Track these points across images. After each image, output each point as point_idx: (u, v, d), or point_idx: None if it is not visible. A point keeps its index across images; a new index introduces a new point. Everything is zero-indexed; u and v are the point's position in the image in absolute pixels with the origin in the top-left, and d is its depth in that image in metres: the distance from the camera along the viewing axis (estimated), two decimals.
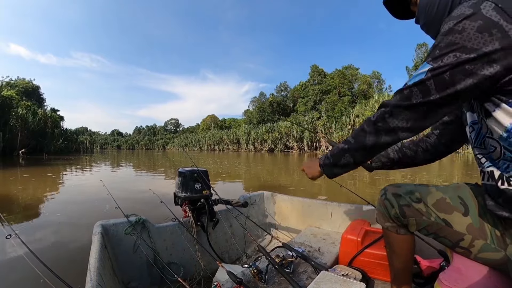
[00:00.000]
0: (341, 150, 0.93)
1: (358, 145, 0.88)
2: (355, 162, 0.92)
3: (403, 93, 0.77)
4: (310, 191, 5.86)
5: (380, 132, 0.82)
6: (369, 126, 0.84)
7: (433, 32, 0.88)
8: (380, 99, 29.77)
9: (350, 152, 0.91)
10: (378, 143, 0.83)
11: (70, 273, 1.95)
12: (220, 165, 13.81)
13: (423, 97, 0.73)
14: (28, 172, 9.51)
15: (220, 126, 68.84)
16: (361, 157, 0.90)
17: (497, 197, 0.77)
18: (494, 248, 0.81)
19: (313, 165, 1.07)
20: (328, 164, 0.99)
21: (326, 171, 1.01)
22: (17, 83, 35.53)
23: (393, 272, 1.10)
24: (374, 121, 0.83)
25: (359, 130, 0.88)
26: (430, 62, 0.72)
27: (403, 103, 0.76)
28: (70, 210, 4.01)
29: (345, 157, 0.92)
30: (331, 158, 0.97)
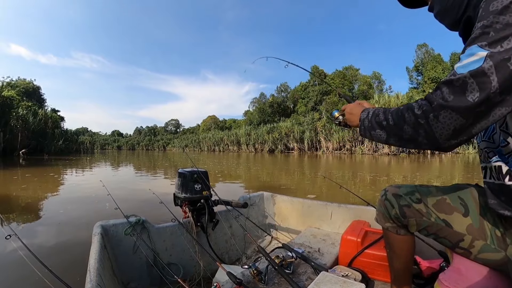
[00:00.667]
0: (380, 122, 0.80)
1: (394, 131, 0.75)
2: (387, 142, 0.80)
3: (453, 85, 0.61)
4: (310, 191, 5.85)
5: (419, 132, 0.68)
6: (410, 115, 0.69)
7: (449, 20, 0.80)
8: (381, 100, 29.76)
9: (387, 130, 0.78)
10: (414, 142, 0.71)
11: (70, 273, 1.96)
12: (220, 166, 13.81)
13: (481, 92, 0.57)
14: (28, 172, 9.50)
15: (221, 127, 68.84)
16: (394, 142, 0.78)
17: (501, 194, 0.75)
18: (494, 248, 0.81)
19: (355, 113, 0.96)
20: (366, 125, 0.87)
21: (362, 129, 0.90)
22: (18, 83, 35.58)
23: (393, 273, 1.10)
24: (416, 114, 0.67)
25: (401, 114, 0.72)
26: (486, 47, 0.57)
27: (455, 104, 0.60)
28: (70, 211, 4.01)
29: (382, 131, 0.80)
30: (370, 122, 0.85)
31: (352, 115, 0.98)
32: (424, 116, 0.65)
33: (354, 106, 1.00)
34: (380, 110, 0.83)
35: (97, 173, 10.07)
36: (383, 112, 0.81)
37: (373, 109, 0.88)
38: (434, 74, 32.46)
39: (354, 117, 0.97)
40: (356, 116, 0.95)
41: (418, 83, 38.13)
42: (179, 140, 74.58)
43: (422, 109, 0.66)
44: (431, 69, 33.35)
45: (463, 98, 0.58)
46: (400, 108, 0.74)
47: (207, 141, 55.23)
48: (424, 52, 37.98)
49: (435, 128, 0.63)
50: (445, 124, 0.61)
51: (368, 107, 0.94)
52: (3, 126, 21.10)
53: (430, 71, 33.19)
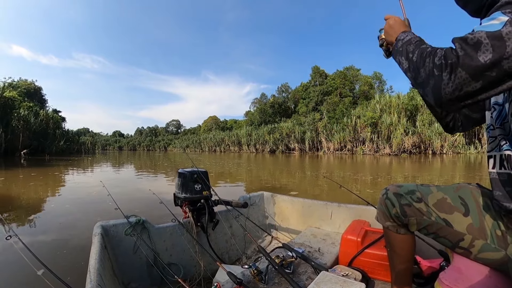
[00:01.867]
0: (408, 52, 0.76)
1: (413, 67, 0.72)
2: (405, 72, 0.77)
3: (467, 42, 0.58)
4: (311, 191, 5.85)
5: (429, 80, 0.65)
6: (429, 64, 0.66)
7: (473, 6, 0.80)
8: (382, 100, 29.71)
9: (408, 64, 0.75)
10: (423, 88, 0.68)
11: (70, 274, 1.96)
12: (221, 166, 13.82)
13: (494, 54, 0.54)
14: (30, 172, 9.52)
15: (222, 127, 68.81)
16: (410, 77, 0.75)
17: (507, 185, 0.74)
18: (494, 247, 0.81)
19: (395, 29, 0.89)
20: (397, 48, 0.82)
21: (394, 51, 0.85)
22: (19, 84, 35.62)
23: (394, 272, 1.10)
24: (435, 64, 0.64)
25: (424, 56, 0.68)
26: (509, 14, 0.56)
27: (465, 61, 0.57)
28: (71, 211, 4.01)
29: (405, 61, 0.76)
30: (402, 46, 0.80)
31: (391, 28, 0.90)
32: (440, 68, 0.62)
33: (399, 22, 0.91)
34: (415, 41, 0.78)
35: (98, 174, 10.09)
36: (416, 43, 0.76)
37: (412, 34, 0.83)
38: None
39: (392, 32, 0.90)
40: (394, 32, 0.88)
41: None
42: (180, 140, 74.67)
43: (441, 61, 0.62)
44: None
45: (474, 56, 0.56)
46: (428, 49, 0.69)
47: (208, 141, 55.27)
48: None
49: (444, 83, 0.60)
50: (453, 81, 0.59)
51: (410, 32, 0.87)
52: (4, 126, 21.13)
53: None
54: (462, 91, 0.59)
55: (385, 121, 27.03)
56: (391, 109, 28.06)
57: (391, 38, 0.89)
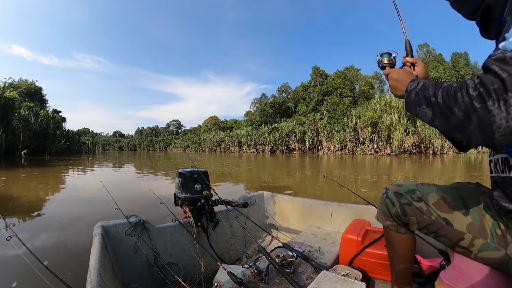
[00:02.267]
0: (428, 97, 0.68)
1: (442, 111, 0.63)
2: (432, 123, 0.68)
3: (506, 62, 0.51)
4: (311, 191, 5.85)
5: (471, 117, 0.55)
6: (463, 95, 0.57)
7: (468, 8, 0.78)
8: (382, 100, 29.70)
9: (434, 108, 0.66)
10: (463, 130, 0.59)
11: (71, 274, 1.96)
12: (221, 166, 13.82)
13: None
14: (29, 172, 9.53)
15: (222, 128, 68.80)
16: (439, 125, 0.66)
17: (506, 187, 0.74)
18: (495, 247, 0.81)
19: (402, 81, 0.83)
20: (413, 98, 0.75)
21: (408, 102, 0.77)
22: (20, 84, 35.62)
23: (394, 272, 1.10)
24: (471, 94, 0.55)
25: (453, 92, 0.61)
26: None
27: None
28: (71, 211, 4.01)
29: (428, 108, 0.68)
30: (417, 95, 0.73)
31: (398, 82, 0.84)
32: (481, 99, 0.53)
33: (403, 73, 0.86)
34: (431, 84, 0.70)
35: (98, 174, 10.09)
36: (434, 86, 0.68)
37: (423, 80, 0.76)
38: (435, 74, 32.37)
39: (399, 85, 0.83)
40: (402, 85, 0.82)
41: None
42: (180, 140, 74.70)
43: (479, 90, 0.54)
44: (432, 69, 33.26)
45: None
46: (453, 85, 0.62)
47: (208, 141, 55.28)
48: (425, 52, 37.93)
49: (493, 116, 0.51)
50: (505, 111, 0.50)
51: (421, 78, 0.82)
52: (5, 126, 21.15)
53: (431, 71, 33.10)
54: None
55: (385, 121, 27.04)
56: (391, 109, 28.07)
57: (400, 92, 0.83)
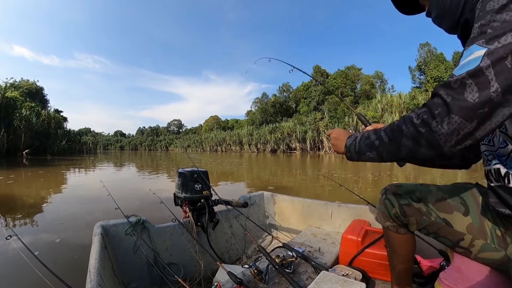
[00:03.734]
0: (370, 143, 0.76)
1: (391, 148, 0.70)
2: (382, 160, 0.76)
3: (451, 87, 0.57)
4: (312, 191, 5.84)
5: (420, 141, 0.62)
6: (408, 127, 0.65)
7: (447, 24, 0.80)
8: (383, 99, 29.65)
9: (379, 150, 0.74)
10: (415, 155, 0.65)
11: (70, 274, 1.96)
12: (222, 166, 13.82)
13: (480, 92, 0.54)
14: (30, 172, 9.55)
15: (223, 127, 68.85)
16: (389, 158, 0.74)
17: (501, 195, 0.75)
18: (494, 247, 0.80)
19: (340, 139, 0.90)
20: (353, 151, 0.82)
21: (349, 155, 0.85)
22: (21, 84, 35.74)
23: (394, 272, 1.10)
24: (415, 123, 0.63)
25: (396, 127, 0.68)
26: (484, 45, 0.55)
27: (455, 106, 0.56)
28: (71, 211, 4.02)
29: (372, 152, 0.76)
30: (357, 146, 0.81)
31: (338, 141, 0.91)
32: (424, 124, 0.61)
33: (341, 132, 0.93)
34: (370, 132, 0.78)
35: (98, 173, 10.11)
36: (374, 132, 0.76)
37: (361, 133, 0.83)
38: (436, 73, 32.28)
39: (339, 143, 0.90)
40: (341, 141, 0.89)
41: (420, 83, 37.96)
42: (181, 140, 74.76)
43: (422, 117, 0.61)
44: (433, 68, 33.17)
45: (462, 98, 0.55)
46: (395, 123, 0.70)
47: (209, 141, 55.29)
48: (426, 51, 37.80)
49: (438, 136, 0.58)
50: (448, 129, 0.57)
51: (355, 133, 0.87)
52: (6, 126, 21.19)
53: (432, 71, 33.02)
54: (460, 135, 0.57)
55: (386, 121, 26.95)
56: (392, 108, 28.00)
57: (341, 149, 0.89)
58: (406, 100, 27.71)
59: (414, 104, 26.83)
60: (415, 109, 0.66)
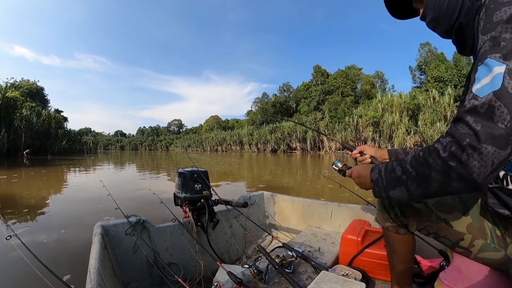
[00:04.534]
0: (397, 178, 0.70)
1: (419, 182, 0.64)
2: (411, 198, 0.69)
3: (478, 112, 0.53)
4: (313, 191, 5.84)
5: (450, 175, 0.57)
6: (435, 160, 0.59)
7: (442, 27, 0.79)
8: (383, 99, 29.60)
9: (408, 186, 0.67)
10: (446, 189, 0.60)
11: (70, 273, 1.96)
12: (222, 166, 13.82)
13: (511, 114, 0.49)
14: (31, 172, 9.56)
15: (223, 127, 68.79)
16: (419, 196, 0.67)
17: (500, 196, 0.75)
18: (494, 247, 0.80)
19: (363, 176, 0.86)
20: (381, 186, 0.77)
21: (377, 191, 0.79)
22: (22, 84, 35.69)
23: (394, 272, 1.09)
24: (442, 156, 0.58)
25: (423, 160, 0.63)
26: (502, 60, 0.52)
27: (485, 132, 0.51)
28: (71, 211, 4.03)
29: (401, 188, 0.69)
30: (384, 180, 0.75)
31: (361, 178, 0.88)
32: (453, 157, 0.56)
33: (360, 169, 0.90)
34: (394, 163, 0.73)
35: (99, 173, 10.11)
36: (399, 164, 0.70)
37: (383, 164, 0.78)
38: (437, 73, 32.19)
39: (364, 180, 0.86)
40: (366, 178, 0.84)
41: (421, 82, 37.85)
42: (181, 140, 74.77)
43: (449, 150, 0.57)
44: (434, 68, 33.08)
45: (493, 125, 0.51)
46: (420, 154, 0.64)
47: (209, 141, 55.30)
48: (427, 51, 37.70)
49: (471, 169, 0.53)
50: (482, 160, 0.52)
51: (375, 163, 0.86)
52: (7, 126, 21.21)
53: (433, 70, 32.93)
54: (495, 165, 0.52)
55: (387, 121, 26.93)
56: (393, 108, 27.94)
57: (367, 185, 0.84)
58: (406, 100, 27.66)
59: (414, 104, 26.79)
60: (439, 139, 0.61)
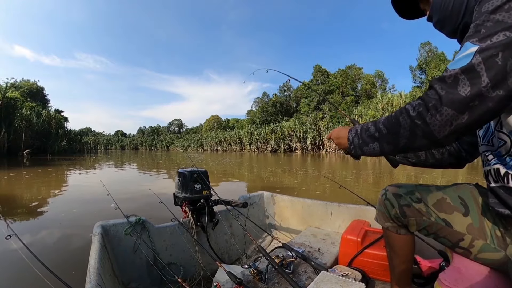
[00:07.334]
0: (371, 135, 0.78)
1: (389, 139, 0.73)
2: (382, 152, 0.77)
3: (445, 82, 0.61)
4: (313, 191, 5.84)
5: (416, 132, 0.66)
6: (404, 119, 0.68)
7: (448, 28, 0.81)
8: (384, 99, 29.61)
9: (379, 141, 0.76)
10: (413, 145, 0.69)
11: (70, 273, 1.96)
12: (222, 165, 13.82)
13: (472, 87, 0.57)
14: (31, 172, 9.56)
15: (223, 127, 68.87)
16: (389, 151, 0.75)
17: (501, 195, 0.75)
18: (494, 248, 0.80)
19: (342, 135, 0.91)
20: (356, 143, 0.83)
21: (352, 148, 0.85)
22: (22, 84, 35.66)
23: (393, 272, 1.09)
24: (411, 115, 0.66)
25: (394, 119, 0.71)
26: (476, 42, 0.59)
27: (448, 98, 0.60)
28: (71, 211, 4.02)
29: (373, 144, 0.77)
30: (360, 138, 0.82)
31: (340, 138, 0.92)
32: (420, 116, 0.64)
33: (339, 129, 0.95)
34: (369, 123, 0.81)
35: (99, 173, 10.11)
36: (373, 124, 0.79)
37: (360, 125, 0.85)
38: (437, 72, 32.18)
39: (342, 140, 0.90)
40: (344, 138, 0.89)
41: (421, 82, 37.84)
42: (182, 140, 74.83)
43: (417, 110, 0.65)
44: (434, 68, 33.09)
45: (455, 92, 0.59)
46: (392, 114, 0.73)
47: (210, 141, 55.38)
48: (427, 50, 37.70)
49: (433, 126, 0.63)
50: (442, 120, 0.61)
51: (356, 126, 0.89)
52: (7, 126, 21.24)
53: (433, 70, 32.95)
54: (453, 126, 0.61)
55: None
56: (393, 108, 27.95)
57: (345, 145, 0.89)
58: (406, 99, 27.70)
59: None
60: (411, 101, 0.69)
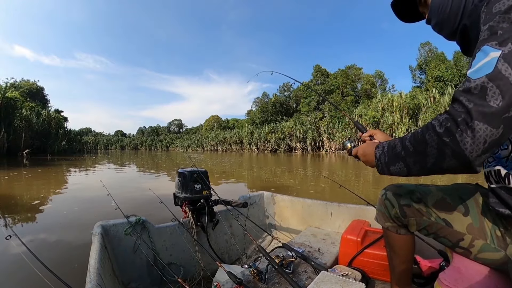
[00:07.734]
0: (397, 153, 0.73)
1: (416, 158, 0.67)
2: (409, 173, 0.71)
3: (471, 93, 0.56)
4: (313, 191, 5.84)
5: (445, 151, 0.60)
6: (431, 135, 0.62)
7: (447, 30, 0.81)
8: (383, 99, 29.59)
9: (406, 161, 0.70)
10: (441, 166, 0.63)
11: (70, 273, 1.96)
12: (222, 165, 13.82)
13: (503, 95, 0.52)
14: (31, 172, 9.56)
15: (223, 127, 68.80)
16: (417, 172, 0.70)
17: (501, 196, 0.75)
18: (494, 248, 0.80)
19: (369, 152, 0.88)
20: (383, 162, 0.79)
21: (380, 167, 0.81)
22: (22, 84, 35.63)
23: (393, 272, 1.09)
24: (438, 132, 0.60)
25: (420, 137, 0.65)
26: (497, 46, 0.54)
27: (477, 110, 0.54)
28: (71, 211, 4.02)
29: (400, 163, 0.72)
30: (386, 157, 0.78)
31: (367, 155, 0.90)
32: (448, 132, 0.58)
33: (366, 146, 0.93)
34: (397, 140, 0.75)
35: (99, 173, 10.11)
36: (400, 140, 0.74)
37: (387, 142, 0.80)
38: (437, 72, 32.15)
39: (369, 157, 0.88)
40: (370, 155, 0.87)
41: (421, 82, 37.83)
42: (182, 140, 74.81)
43: (445, 126, 0.59)
44: (434, 68, 33.04)
45: (485, 104, 0.53)
46: (418, 131, 0.67)
47: (210, 141, 55.35)
48: (427, 50, 37.67)
49: (464, 145, 0.56)
50: (473, 137, 0.54)
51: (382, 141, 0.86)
52: (7, 126, 21.21)
53: (433, 70, 32.89)
54: (487, 143, 0.54)
55: (387, 120, 26.94)
56: (393, 108, 27.94)
57: (372, 162, 0.86)
58: (406, 99, 27.64)
59: (414, 103, 26.77)
60: (437, 116, 0.63)
